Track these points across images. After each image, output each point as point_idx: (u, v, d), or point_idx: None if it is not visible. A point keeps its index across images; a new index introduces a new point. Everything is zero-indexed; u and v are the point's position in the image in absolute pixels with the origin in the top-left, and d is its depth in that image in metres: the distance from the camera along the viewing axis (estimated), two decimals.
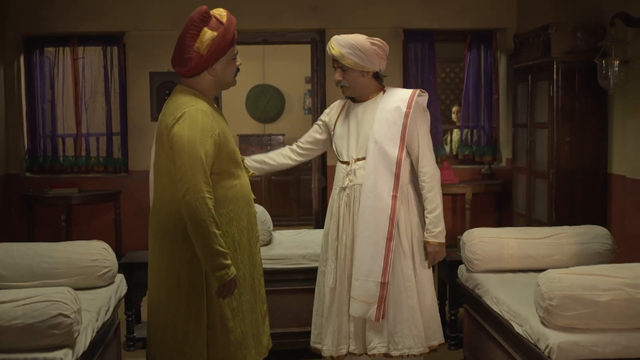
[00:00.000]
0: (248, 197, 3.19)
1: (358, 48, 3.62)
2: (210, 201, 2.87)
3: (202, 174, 2.87)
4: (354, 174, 3.69)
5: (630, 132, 5.10)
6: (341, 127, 3.82)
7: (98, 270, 3.91)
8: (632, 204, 5.10)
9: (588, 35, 5.39)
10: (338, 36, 3.70)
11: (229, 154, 3.05)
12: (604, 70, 5.02)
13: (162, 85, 7.37)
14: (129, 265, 4.74)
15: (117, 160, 7.55)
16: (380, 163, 3.61)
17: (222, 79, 3.13)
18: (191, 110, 2.93)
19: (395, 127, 3.62)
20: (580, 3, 5.97)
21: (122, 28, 7.35)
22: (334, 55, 3.67)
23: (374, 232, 3.57)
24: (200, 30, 2.98)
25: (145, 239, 7.68)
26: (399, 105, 3.64)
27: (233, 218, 3.07)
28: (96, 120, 7.60)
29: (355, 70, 3.67)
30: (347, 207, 3.70)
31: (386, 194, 3.59)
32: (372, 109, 3.72)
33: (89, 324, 3.38)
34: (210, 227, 2.85)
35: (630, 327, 3.11)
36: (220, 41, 3.01)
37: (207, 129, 2.92)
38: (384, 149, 3.61)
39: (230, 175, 3.07)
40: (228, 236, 3.04)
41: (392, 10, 7.34)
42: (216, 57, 3.03)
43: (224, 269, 2.91)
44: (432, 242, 3.69)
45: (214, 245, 2.87)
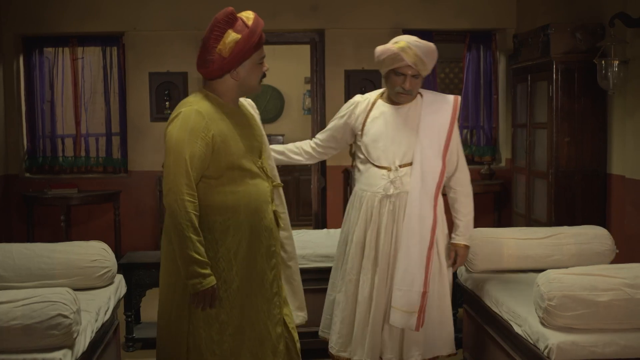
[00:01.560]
0: (256, 206, 2.97)
1: (434, 57, 3.54)
2: (190, 204, 2.77)
3: (184, 176, 2.78)
4: (400, 181, 3.53)
5: (629, 133, 5.10)
6: (376, 129, 3.62)
7: (97, 271, 3.91)
8: (631, 204, 5.10)
9: (587, 35, 5.40)
10: (414, 41, 3.51)
11: (230, 159, 2.90)
12: (604, 70, 5.02)
13: (161, 85, 7.38)
14: (128, 266, 4.74)
15: (117, 161, 7.55)
16: (426, 170, 3.52)
17: (245, 83, 2.99)
18: (187, 110, 2.86)
19: (439, 134, 3.55)
20: (579, 3, 5.97)
21: (122, 28, 7.35)
22: (413, 62, 3.47)
23: (419, 241, 3.49)
24: (224, 32, 2.88)
25: (144, 239, 7.72)
26: (444, 113, 3.58)
27: (230, 226, 2.91)
28: (95, 121, 7.61)
29: (422, 78, 3.59)
30: (392, 215, 3.55)
31: (429, 202, 3.51)
32: (415, 113, 3.59)
33: (88, 325, 3.37)
34: (185, 231, 2.75)
35: (630, 327, 3.11)
36: (244, 44, 2.89)
37: (198, 129, 2.82)
38: (429, 156, 3.53)
39: (232, 181, 2.92)
40: (222, 245, 2.91)
41: (391, 10, 7.35)
42: (239, 61, 2.91)
43: (197, 277, 2.77)
44: (463, 245, 3.68)
45: (188, 251, 2.76)
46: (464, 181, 3.66)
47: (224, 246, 2.91)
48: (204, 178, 2.88)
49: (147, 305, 5.29)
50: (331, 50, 7.34)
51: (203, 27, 7.82)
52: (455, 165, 3.63)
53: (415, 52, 3.45)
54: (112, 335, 3.95)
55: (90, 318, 3.45)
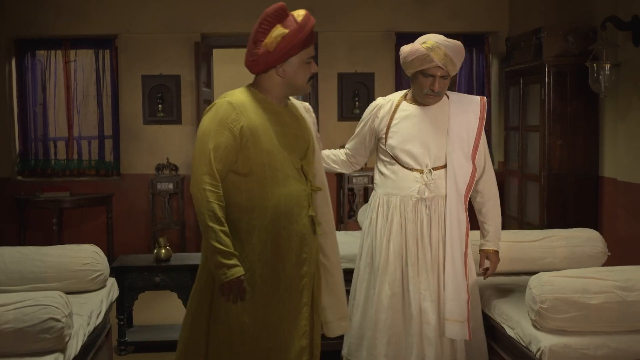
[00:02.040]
0: (287, 209, 2.82)
1: (461, 55, 3.43)
2: (211, 194, 2.69)
3: (207, 165, 2.70)
4: (435, 184, 3.43)
5: (621, 135, 5.12)
6: (405, 130, 3.49)
7: (89, 274, 3.90)
8: (623, 207, 5.11)
9: (579, 38, 5.42)
10: (444, 40, 3.39)
11: (260, 155, 2.77)
12: (595, 73, 5.04)
13: (154, 88, 7.37)
14: (120, 269, 4.72)
15: (109, 164, 7.54)
16: (457, 173, 3.43)
17: (292, 82, 2.89)
18: (220, 101, 2.82)
19: (468, 135, 3.45)
20: (571, 7, 5.99)
21: (114, 31, 7.34)
22: (443, 63, 3.36)
23: (459, 246, 3.40)
24: (272, 26, 2.79)
25: (137, 242, 7.70)
26: (472, 113, 3.48)
27: (256, 227, 2.79)
28: (88, 124, 7.60)
29: (450, 78, 3.45)
30: (428, 220, 3.43)
31: (462, 205, 3.43)
32: (443, 114, 3.48)
33: (80, 328, 3.37)
34: (207, 220, 2.68)
35: (621, 330, 3.12)
36: (291, 39, 2.79)
37: (227, 120, 2.74)
38: (460, 158, 3.43)
39: (262, 179, 2.79)
40: (247, 245, 2.79)
41: (385, 13, 7.36)
42: (285, 56, 2.81)
43: (222, 268, 2.68)
44: (494, 251, 3.57)
45: (210, 241, 2.68)
46: (491, 184, 3.55)
47: (248, 246, 2.79)
48: (233, 174, 2.79)
49: (140, 308, 5.28)
50: (324, 53, 7.34)
51: (196, 30, 7.90)
52: (482, 167, 3.53)
53: (445, 52, 3.33)
54: (104, 339, 3.94)
55: (82, 322, 3.44)
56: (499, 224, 3.57)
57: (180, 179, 7.29)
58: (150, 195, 7.27)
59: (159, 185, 7.22)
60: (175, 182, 7.25)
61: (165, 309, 5.81)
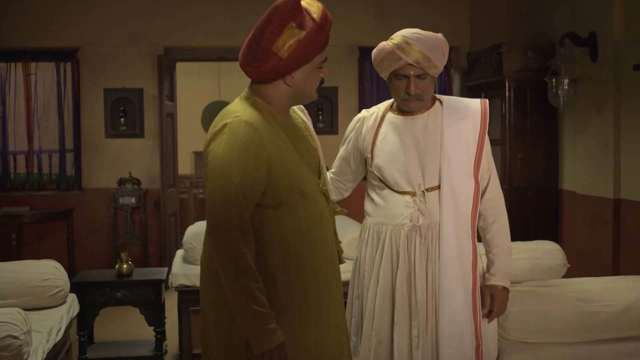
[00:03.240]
0: (322, 241, 2.40)
1: (442, 51, 2.83)
2: (243, 243, 2.17)
3: (236, 206, 2.17)
4: (431, 209, 2.81)
5: (579, 149, 5.22)
6: (390, 146, 2.90)
7: (49, 290, 3.85)
8: (582, 219, 5.20)
9: (538, 54, 5.51)
10: (414, 33, 2.83)
11: (289, 182, 2.28)
12: (554, 88, 5.13)
13: (116, 101, 7.33)
14: (81, 285, 4.65)
15: (70, 178, 7.43)
16: (457, 194, 2.81)
17: (301, 90, 2.36)
18: (234, 121, 2.24)
19: (468, 147, 2.84)
20: (531, 23, 6.10)
21: (76, 44, 7.27)
22: (415, 59, 2.78)
23: (461, 282, 2.78)
24: (285, 25, 2.23)
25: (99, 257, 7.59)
26: (471, 120, 2.86)
27: (292, 266, 2.33)
28: (49, 137, 7.49)
29: (433, 79, 2.86)
30: (424, 252, 2.81)
31: (465, 232, 2.81)
32: (435, 123, 2.87)
33: (40, 345, 3.31)
34: (240, 278, 2.16)
35: (581, 341, 3.16)
36: (309, 44, 2.25)
37: (251, 146, 2.20)
38: (458, 175, 2.82)
39: (294, 208, 2.30)
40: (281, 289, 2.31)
41: (347, 27, 7.40)
42: (299, 64, 2.28)
43: (262, 335, 2.18)
44: (500, 287, 2.87)
45: (247, 304, 2.17)
46: (496, 204, 2.90)
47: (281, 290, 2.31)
48: (260, 207, 2.26)
49: (101, 325, 5.21)
50: None
51: (159, 43, 7.86)
52: (486, 183, 2.89)
53: (415, 48, 2.78)
54: (64, 356, 3.88)
55: (42, 339, 3.38)
56: (508, 254, 2.91)
57: (142, 193, 7.23)
58: (112, 209, 7.20)
59: (121, 200, 7.16)
60: (137, 196, 7.19)
61: (127, 325, 5.74)
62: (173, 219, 7.52)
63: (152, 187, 7.35)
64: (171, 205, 7.42)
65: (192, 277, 4.66)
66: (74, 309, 4.08)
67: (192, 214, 9.76)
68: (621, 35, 4.76)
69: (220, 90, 11.06)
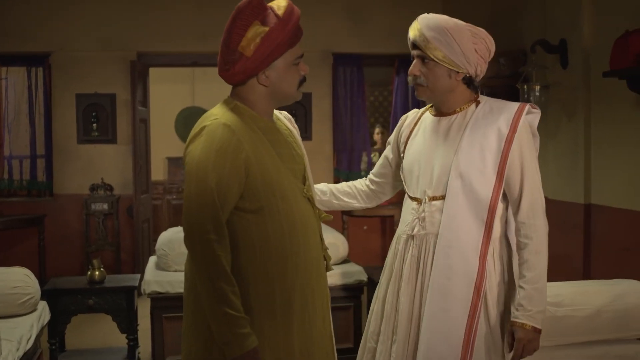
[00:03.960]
0: (306, 247, 2.35)
1: (451, 35, 2.53)
2: (218, 246, 2.13)
3: (210, 209, 2.14)
4: (428, 219, 2.58)
5: (550, 155, 5.28)
6: (415, 148, 2.71)
7: (19, 298, 3.81)
8: (553, 225, 5.22)
9: (510, 60, 5.57)
10: (427, 14, 2.62)
11: (270, 186, 2.25)
12: (526, 94, 5.19)
13: (88, 107, 7.28)
14: (52, 292, 4.60)
15: (42, 184, 7.35)
16: (465, 206, 2.51)
17: (279, 90, 2.32)
18: (213, 124, 2.22)
19: (490, 156, 2.51)
20: (502, 30, 6.16)
21: (48, 48, 7.21)
22: (413, 37, 2.58)
23: (452, 305, 2.47)
24: (248, 24, 2.23)
25: (70, 264, 7.52)
26: (500, 126, 2.52)
27: (273, 275, 2.28)
28: (19, 143, 7.40)
29: (441, 67, 2.56)
30: (416, 264, 2.59)
31: (472, 251, 2.49)
32: (459, 127, 2.60)
33: (9, 354, 3.27)
34: (214, 281, 2.13)
35: (552, 344, 3.19)
36: (273, 39, 2.22)
37: (228, 148, 2.18)
38: (472, 186, 2.50)
39: (276, 213, 2.26)
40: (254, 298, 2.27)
41: (321, 34, 7.43)
42: (267, 60, 2.25)
43: (235, 339, 2.14)
44: (526, 326, 2.45)
45: (219, 307, 2.13)
46: (533, 230, 2.51)
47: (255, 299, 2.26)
48: (239, 211, 2.23)
49: (72, 332, 5.15)
50: None
51: (132, 48, 7.82)
52: (516, 199, 2.53)
53: (416, 25, 2.58)
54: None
55: (12, 347, 3.34)
56: (539, 288, 2.49)
57: (115, 199, 7.18)
58: (84, 215, 7.15)
59: (93, 206, 7.11)
60: (110, 202, 7.14)
61: (99, 333, 5.69)
62: (146, 225, 7.47)
63: (124, 193, 7.30)
64: (144, 212, 7.37)
65: (164, 283, 4.63)
66: (45, 317, 4.04)
67: (166, 220, 9.70)
68: (591, 43, 4.83)
69: (194, 96, 11.02)
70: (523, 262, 2.50)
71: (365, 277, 4.90)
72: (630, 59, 3.99)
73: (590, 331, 3.21)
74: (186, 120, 10.91)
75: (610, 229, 4.70)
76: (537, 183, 2.56)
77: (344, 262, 5.13)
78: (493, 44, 2.66)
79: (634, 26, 4.10)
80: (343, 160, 7.65)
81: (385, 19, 7.48)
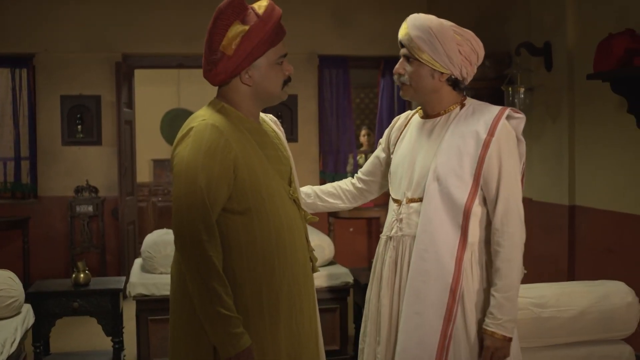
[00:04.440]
0: (292, 248, 2.36)
1: (434, 35, 2.52)
2: (210, 245, 2.14)
3: (201, 209, 2.15)
4: (405, 221, 2.58)
5: (535, 157, 5.30)
6: (401, 150, 2.71)
7: (3, 301, 3.77)
8: (538, 226, 5.28)
9: (495, 63, 5.60)
10: (416, 14, 2.63)
11: (258, 187, 2.26)
12: (511, 97, 5.21)
13: (73, 108, 7.24)
14: (37, 295, 4.57)
15: (26, 186, 7.30)
16: (442, 210, 2.49)
17: (263, 90, 2.33)
18: (200, 125, 2.23)
19: (468, 160, 2.49)
20: (487, 33, 6.19)
21: (32, 50, 7.16)
22: (400, 36, 2.60)
23: (426, 308, 2.46)
24: (229, 24, 2.25)
25: (55, 266, 7.48)
26: (478, 130, 2.50)
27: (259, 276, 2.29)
28: (3, 145, 7.35)
29: (425, 67, 2.55)
30: (394, 266, 2.59)
31: (448, 254, 2.46)
32: (442, 129, 2.59)
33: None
34: (207, 281, 2.13)
35: (536, 346, 3.21)
36: (254, 37, 2.23)
37: (217, 149, 2.19)
38: (448, 189, 2.48)
39: (264, 215, 2.27)
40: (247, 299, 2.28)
41: (306, 36, 7.43)
42: (248, 60, 2.26)
43: (230, 339, 2.15)
44: (495, 334, 2.43)
45: (213, 307, 2.14)
46: (506, 237, 2.47)
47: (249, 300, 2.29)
48: (227, 212, 2.24)
49: (57, 335, 5.12)
50: None
51: (117, 49, 7.79)
52: (492, 205, 2.49)
53: (404, 25, 2.61)
54: None
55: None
56: (510, 296, 2.46)
57: (100, 201, 7.15)
58: (69, 218, 7.11)
59: (78, 208, 7.07)
60: (95, 204, 7.11)
61: (84, 335, 5.66)
62: (131, 227, 7.44)
63: (110, 195, 7.27)
64: (129, 214, 7.34)
65: (150, 286, 4.61)
66: (29, 320, 4.01)
67: (151, 222, 9.67)
68: (575, 45, 4.86)
69: (180, 98, 11.00)
70: (495, 269, 2.47)
71: (352, 279, 4.90)
72: (614, 61, 4.02)
73: (575, 332, 3.23)
74: (172, 122, 10.88)
75: (595, 230, 4.73)
76: (515, 190, 2.50)
77: (330, 264, 5.13)
78: (481, 46, 2.65)
79: (617, 29, 4.14)
80: (329, 162, 7.66)
81: (371, 22, 7.50)
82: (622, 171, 4.41)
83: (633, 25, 4.11)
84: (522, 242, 2.51)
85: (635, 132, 4.22)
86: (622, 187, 4.43)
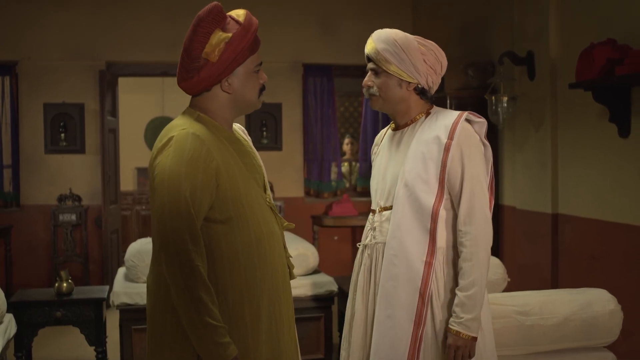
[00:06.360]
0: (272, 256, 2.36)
1: (400, 46, 2.62)
2: (196, 255, 2.13)
3: (186, 218, 2.13)
4: (378, 228, 2.68)
5: (519, 165, 5.34)
6: (376, 163, 2.84)
7: None
8: (522, 234, 5.31)
9: (478, 72, 5.64)
10: (380, 30, 2.72)
11: (238, 196, 2.26)
12: (494, 105, 5.25)
13: (56, 116, 7.19)
14: (19, 304, 4.53)
15: (8, 194, 7.23)
16: (410, 215, 2.56)
17: (241, 97, 2.34)
18: (181, 134, 2.21)
19: (432, 165, 2.57)
20: (471, 42, 6.23)
21: (15, 57, 7.12)
22: (367, 51, 2.69)
23: (397, 311, 2.53)
24: (210, 31, 2.25)
25: (38, 275, 7.42)
26: (439, 135, 2.58)
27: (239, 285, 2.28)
28: None
29: (392, 77, 2.64)
30: (368, 273, 2.68)
31: (417, 258, 2.53)
32: (409, 138, 2.68)
33: None
34: (194, 291, 2.11)
35: (521, 353, 3.22)
36: (237, 45, 2.25)
37: (199, 158, 2.18)
38: (416, 195, 2.56)
39: (244, 224, 2.27)
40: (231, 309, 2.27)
41: (291, 44, 7.44)
42: (231, 67, 2.27)
43: (217, 349, 2.13)
44: (459, 333, 2.49)
45: (200, 317, 2.12)
46: (469, 238, 2.53)
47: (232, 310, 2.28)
48: (208, 222, 2.23)
49: (40, 345, 5.09)
50: None
51: (101, 57, 7.75)
52: (457, 208, 2.58)
53: (370, 40, 2.70)
54: None
55: None
56: (472, 292, 2.51)
57: (83, 209, 7.10)
58: (52, 226, 7.06)
59: (61, 217, 7.02)
60: (78, 213, 7.06)
61: (67, 345, 5.61)
62: (115, 236, 7.40)
63: (93, 203, 7.22)
64: (113, 222, 7.30)
65: (134, 295, 4.59)
66: (11, 330, 3.97)
67: (135, 231, 9.61)
68: (557, 55, 4.91)
69: (164, 106, 10.97)
70: (459, 269, 2.55)
71: (336, 288, 4.90)
72: (596, 70, 4.06)
73: (558, 340, 3.24)
74: (156, 130, 10.85)
75: (578, 239, 4.76)
76: (478, 191, 2.58)
77: (315, 272, 5.12)
78: (444, 56, 2.73)
79: (599, 38, 4.18)
80: (313, 170, 7.66)
81: (355, 30, 7.52)
82: (605, 180, 4.45)
83: (615, 34, 4.15)
84: (487, 242, 2.56)
85: (617, 140, 4.26)
86: (604, 196, 4.47)
